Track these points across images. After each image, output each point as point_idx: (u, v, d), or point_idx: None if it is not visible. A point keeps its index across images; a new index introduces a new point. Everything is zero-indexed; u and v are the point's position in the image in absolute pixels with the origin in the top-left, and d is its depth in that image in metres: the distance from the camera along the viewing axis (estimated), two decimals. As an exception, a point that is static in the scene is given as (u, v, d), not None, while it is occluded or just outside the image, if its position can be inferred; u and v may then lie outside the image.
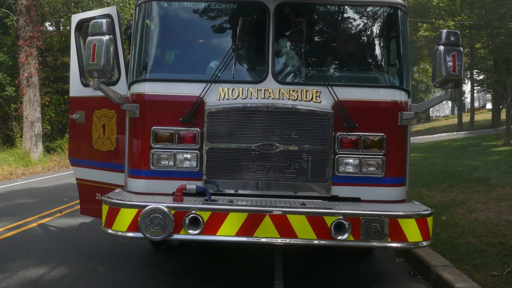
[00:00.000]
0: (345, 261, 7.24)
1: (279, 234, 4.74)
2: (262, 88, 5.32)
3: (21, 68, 26.62)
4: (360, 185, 5.35)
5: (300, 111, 5.25)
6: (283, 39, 5.63)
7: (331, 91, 5.26)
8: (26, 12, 26.21)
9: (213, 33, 5.77)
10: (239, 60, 5.56)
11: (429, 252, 6.79)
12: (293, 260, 7.22)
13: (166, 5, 5.63)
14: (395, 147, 5.40)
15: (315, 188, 5.31)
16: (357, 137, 5.31)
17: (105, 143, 6.47)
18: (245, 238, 4.78)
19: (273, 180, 5.29)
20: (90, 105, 6.64)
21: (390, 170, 5.37)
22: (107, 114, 6.41)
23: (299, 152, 5.25)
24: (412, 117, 5.50)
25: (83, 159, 6.98)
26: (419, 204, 5.30)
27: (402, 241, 4.81)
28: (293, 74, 5.60)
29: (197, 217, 4.71)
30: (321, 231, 4.73)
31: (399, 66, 5.70)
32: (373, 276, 6.66)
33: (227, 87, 5.32)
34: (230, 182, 5.31)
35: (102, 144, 6.51)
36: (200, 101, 5.27)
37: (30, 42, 26.31)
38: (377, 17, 5.79)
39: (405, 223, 4.79)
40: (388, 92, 5.52)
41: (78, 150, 7.10)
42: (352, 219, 4.72)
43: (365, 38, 6.04)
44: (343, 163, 5.33)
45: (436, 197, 11.44)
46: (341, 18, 5.86)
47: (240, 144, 5.23)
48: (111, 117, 6.33)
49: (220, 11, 5.64)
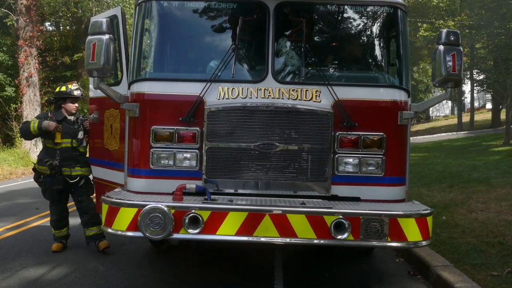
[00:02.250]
0: (345, 261, 7.24)
1: (279, 233, 4.74)
2: (262, 88, 5.32)
3: (21, 68, 26.60)
4: (359, 184, 5.35)
5: (300, 111, 5.25)
6: (283, 39, 5.63)
7: (331, 91, 5.26)
8: (26, 12, 26.21)
9: (213, 32, 5.77)
10: (239, 60, 5.56)
11: (429, 252, 6.79)
12: (293, 260, 7.21)
13: (166, 4, 5.63)
14: (395, 147, 5.41)
15: (315, 187, 5.31)
16: (356, 136, 5.31)
17: (111, 143, 6.50)
18: (245, 237, 4.78)
19: (273, 179, 5.29)
20: (103, 105, 6.69)
21: (390, 170, 5.37)
22: (113, 113, 6.43)
23: (299, 151, 5.25)
24: (412, 116, 5.51)
25: (97, 158, 7.12)
26: (419, 204, 5.29)
27: (402, 241, 4.81)
28: (293, 73, 5.61)
29: (197, 216, 4.71)
30: (320, 230, 4.73)
31: (399, 65, 5.70)
32: (373, 275, 6.65)
33: (227, 86, 5.32)
34: (230, 182, 5.31)
35: (110, 144, 6.55)
36: (200, 100, 5.26)
37: (30, 42, 26.30)
38: (377, 16, 5.79)
39: (405, 222, 4.79)
40: (388, 91, 5.52)
41: (94, 150, 7.33)
42: (352, 218, 4.72)
43: (365, 38, 6.04)
44: (342, 163, 5.33)
45: (436, 197, 11.44)
46: (341, 18, 5.86)
47: (240, 144, 5.23)
48: (116, 116, 6.34)
49: (220, 10, 5.65)
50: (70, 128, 7.43)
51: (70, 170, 7.36)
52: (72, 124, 7.47)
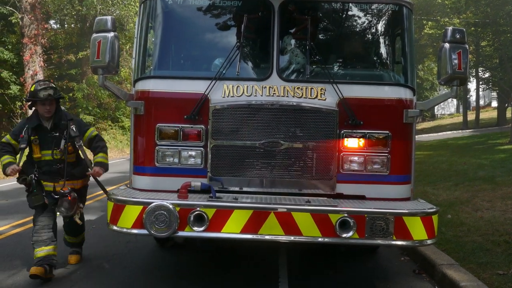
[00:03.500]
0: (350, 259, 7.22)
1: (284, 231, 4.74)
2: (266, 86, 5.31)
3: (26, 66, 26.73)
4: (365, 183, 5.34)
5: (304, 109, 5.24)
6: (288, 37, 5.61)
7: (336, 89, 5.25)
8: (31, 10, 26.32)
9: (218, 30, 5.76)
10: (243, 58, 5.56)
11: (434, 250, 6.77)
12: (298, 258, 7.21)
13: (171, 2, 5.62)
14: (400, 145, 5.39)
15: (320, 185, 5.30)
16: (362, 134, 5.29)
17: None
18: (250, 235, 4.77)
19: (277, 177, 5.28)
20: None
21: (395, 168, 5.36)
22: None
23: (304, 149, 5.24)
24: (417, 114, 5.48)
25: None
26: (424, 202, 5.28)
27: (407, 239, 4.79)
28: (297, 71, 5.59)
29: (202, 214, 4.71)
30: (326, 228, 4.72)
31: (404, 63, 5.68)
32: (378, 274, 6.64)
33: (232, 84, 5.31)
34: (235, 179, 5.31)
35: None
36: (205, 98, 5.26)
37: (35, 40, 26.42)
38: (382, 14, 5.77)
39: (410, 221, 4.78)
40: (393, 89, 5.50)
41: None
42: (357, 216, 4.71)
43: (370, 36, 6.02)
44: (348, 161, 5.32)
45: (441, 195, 11.41)
46: (346, 16, 5.84)
47: (244, 142, 5.22)
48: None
49: (224, 8, 5.64)
50: (48, 137, 6.23)
51: (53, 185, 6.25)
52: (49, 131, 6.25)
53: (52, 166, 6.23)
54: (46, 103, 6.15)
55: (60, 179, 6.23)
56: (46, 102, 6.14)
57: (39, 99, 6.11)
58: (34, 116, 6.27)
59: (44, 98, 6.08)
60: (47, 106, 6.17)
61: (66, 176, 6.23)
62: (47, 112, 6.19)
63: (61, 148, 6.18)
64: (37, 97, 6.11)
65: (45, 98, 6.09)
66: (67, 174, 6.25)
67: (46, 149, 6.21)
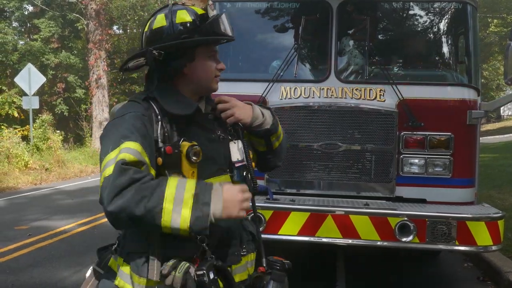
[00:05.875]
0: (410, 264, 7.05)
1: (342, 234, 4.69)
2: (324, 87, 5.27)
3: (90, 70, 27.77)
4: (425, 186, 5.20)
5: (363, 110, 5.16)
6: (346, 38, 5.55)
7: (395, 90, 5.14)
8: (95, 16, 27.33)
9: (276, 32, 5.77)
10: (301, 59, 5.54)
11: (500, 257, 6.50)
12: (355, 261, 7.11)
13: (229, 5, 5.69)
14: (463, 147, 5.21)
15: (379, 188, 5.21)
16: (422, 136, 5.15)
17: None
18: (307, 237, 4.76)
19: (335, 179, 5.23)
20: None
21: (458, 171, 5.18)
22: None
23: (362, 151, 5.17)
24: (481, 116, 5.27)
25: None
26: (489, 207, 5.09)
27: (471, 245, 4.64)
28: (356, 72, 5.52)
29: (259, 215, 4.73)
30: (384, 232, 4.64)
31: (467, 63, 5.48)
32: (439, 280, 6.45)
33: (289, 86, 5.31)
34: (292, 181, 5.30)
35: None
36: (263, 100, 5.29)
37: (99, 45, 27.40)
38: (445, 13, 5.61)
39: (474, 226, 4.62)
40: (456, 90, 5.32)
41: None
42: (418, 220, 4.60)
43: (431, 35, 5.86)
44: (408, 163, 5.19)
45: (507, 200, 10.92)
46: (406, 15, 5.72)
47: (302, 143, 5.21)
48: None
49: (282, 10, 5.65)
50: None
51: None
52: None
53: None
54: None
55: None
56: None
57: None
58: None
59: None
60: None
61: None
62: None
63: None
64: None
65: None
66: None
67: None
